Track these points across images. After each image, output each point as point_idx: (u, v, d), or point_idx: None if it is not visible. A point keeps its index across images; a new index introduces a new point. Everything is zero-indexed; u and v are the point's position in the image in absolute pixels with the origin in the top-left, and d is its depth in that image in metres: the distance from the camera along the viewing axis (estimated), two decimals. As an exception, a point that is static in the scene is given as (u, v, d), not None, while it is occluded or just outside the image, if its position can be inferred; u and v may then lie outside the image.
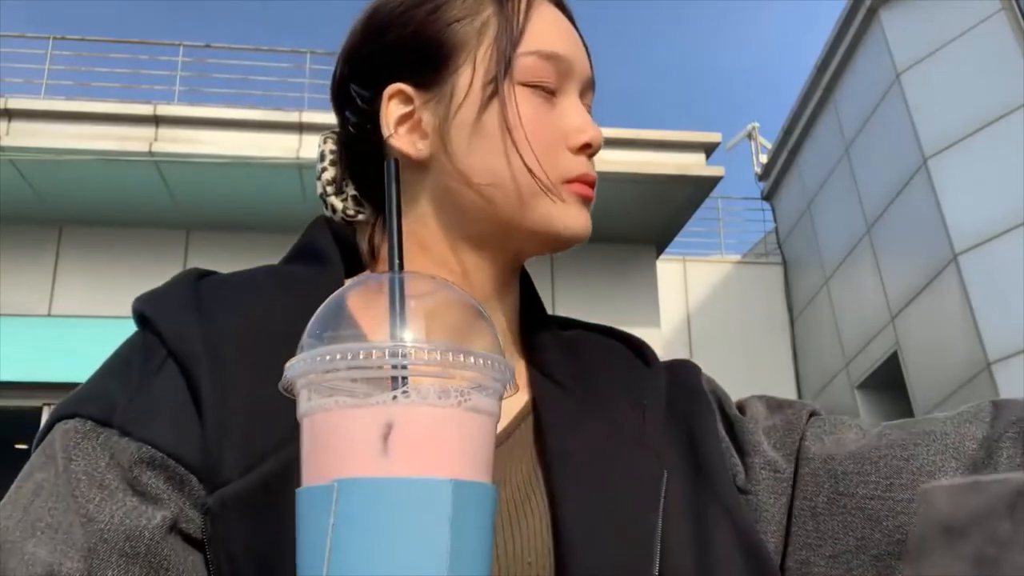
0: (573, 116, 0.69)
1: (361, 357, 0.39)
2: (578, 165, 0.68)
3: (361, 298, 0.45)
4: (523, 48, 0.67)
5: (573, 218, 0.68)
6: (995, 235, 6.84)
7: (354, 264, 0.72)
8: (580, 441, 0.64)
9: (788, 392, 9.73)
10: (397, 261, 0.44)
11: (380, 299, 0.43)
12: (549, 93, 0.68)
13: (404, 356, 0.39)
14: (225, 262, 0.77)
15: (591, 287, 6.27)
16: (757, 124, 11.42)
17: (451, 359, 0.40)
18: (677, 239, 6.92)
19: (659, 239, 6.65)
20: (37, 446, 0.58)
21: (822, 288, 9.47)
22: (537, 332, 0.73)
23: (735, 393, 0.78)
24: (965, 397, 6.97)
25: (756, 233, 11.10)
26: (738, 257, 10.53)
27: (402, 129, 0.69)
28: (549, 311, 0.79)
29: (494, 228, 0.68)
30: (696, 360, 0.79)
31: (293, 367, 0.41)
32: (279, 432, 0.53)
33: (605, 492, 0.62)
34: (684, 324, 9.60)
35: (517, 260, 0.72)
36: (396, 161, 0.48)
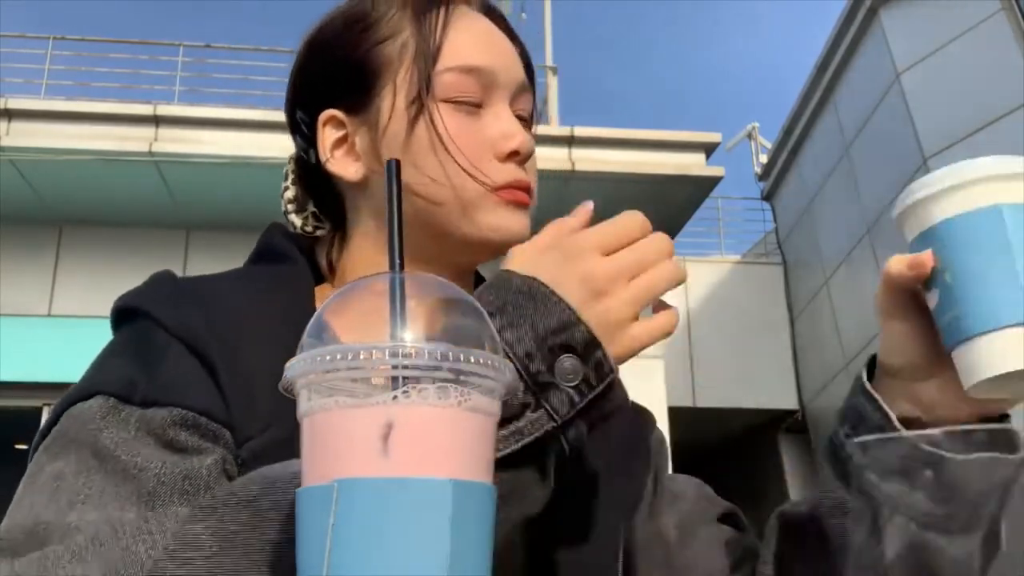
0: (499, 125, 0.70)
1: (361, 357, 0.39)
2: (507, 172, 0.70)
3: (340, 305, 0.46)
4: (441, 65, 0.69)
5: (506, 222, 0.69)
6: (995, 235, 6.84)
7: (312, 271, 0.75)
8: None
9: (788, 392, 9.73)
10: (397, 261, 0.44)
11: (360, 304, 0.43)
12: (474, 106, 0.70)
13: (404, 356, 0.39)
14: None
15: (591, 287, 6.26)
16: (757, 124, 11.42)
17: (451, 359, 0.40)
18: (677, 239, 6.91)
19: (659, 239, 6.64)
20: (39, 442, 0.59)
21: (822, 288, 9.47)
22: None
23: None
24: (965, 397, 6.97)
25: (756, 233, 11.10)
26: (738, 257, 10.53)
27: (339, 152, 0.72)
28: None
29: (432, 241, 0.70)
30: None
31: (293, 367, 0.41)
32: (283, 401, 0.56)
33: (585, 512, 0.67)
34: (684, 324, 9.60)
35: (462, 269, 0.74)
36: (397, 162, 0.48)
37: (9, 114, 5.88)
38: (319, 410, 0.41)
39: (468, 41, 0.71)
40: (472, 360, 0.40)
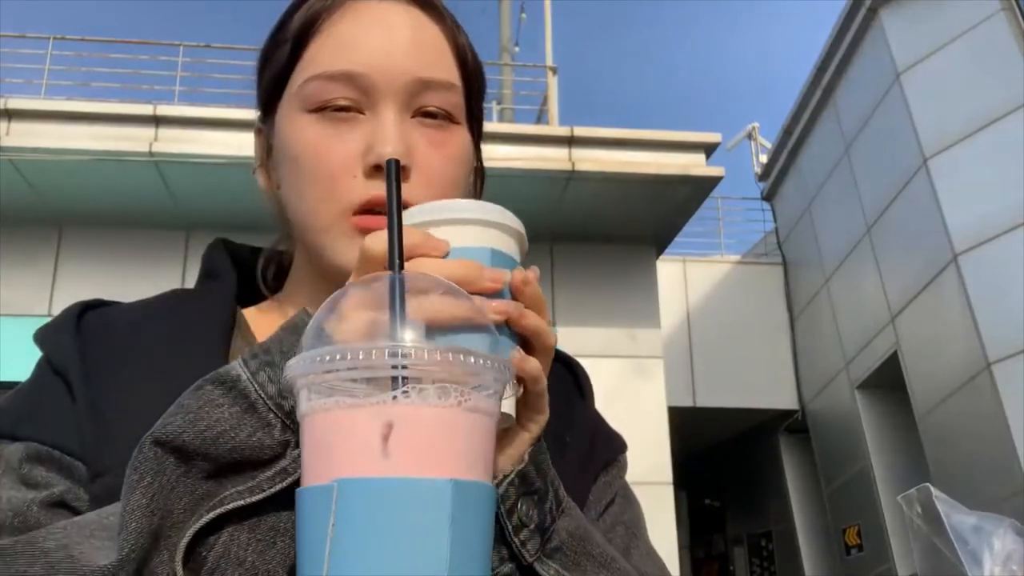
0: (369, 135, 0.62)
1: (361, 357, 0.39)
2: (369, 188, 0.61)
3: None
4: (305, 73, 0.64)
5: (351, 254, 0.57)
6: (995, 235, 6.84)
7: (248, 280, 0.74)
8: None
9: (788, 392, 9.73)
10: (398, 261, 0.44)
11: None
12: (350, 112, 0.63)
13: (404, 356, 0.39)
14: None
15: (591, 287, 6.27)
16: (757, 124, 11.43)
17: (451, 359, 0.40)
18: (677, 239, 6.91)
19: (659, 239, 6.64)
20: None
21: (822, 288, 9.46)
22: None
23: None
24: (965, 397, 6.97)
25: (756, 233, 11.10)
26: (738, 257, 10.53)
27: (267, 164, 0.71)
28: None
29: (318, 268, 0.67)
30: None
31: (293, 367, 0.41)
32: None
33: None
34: (684, 324, 9.60)
35: None
36: (397, 161, 0.48)
37: (9, 114, 5.88)
38: (319, 410, 0.41)
39: (337, 44, 0.64)
40: (472, 360, 0.40)
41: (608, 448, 0.72)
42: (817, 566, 9.71)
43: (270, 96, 0.68)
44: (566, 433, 0.67)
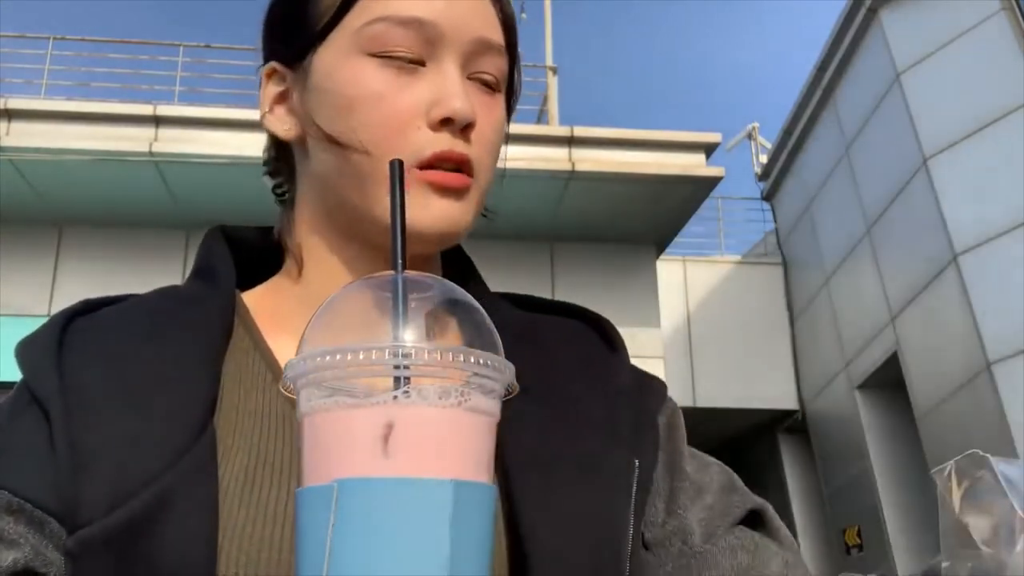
0: (435, 88, 0.59)
1: (361, 357, 0.39)
2: (436, 142, 0.59)
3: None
4: (371, 14, 0.60)
5: (423, 211, 0.58)
6: (995, 235, 6.84)
7: (252, 269, 0.69)
8: (542, 446, 0.58)
9: (788, 392, 9.73)
10: (400, 262, 0.44)
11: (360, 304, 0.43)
12: (412, 63, 0.60)
13: (404, 356, 0.39)
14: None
15: (591, 287, 6.27)
16: (757, 124, 11.43)
17: (451, 359, 0.40)
18: (677, 239, 6.92)
19: (659, 239, 6.65)
20: None
21: (822, 288, 9.46)
22: None
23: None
24: (965, 397, 6.97)
25: (756, 233, 11.10)
26: (738, 257, 10.53)
27: (279, 109, 0.65)
28: None
29: (355, 219, 0.62)
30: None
31: (293, 367, 0.41)
32: (148, 466, 0.52)
33: (573, 501, 0.57)
34: (684, 324, 9.60)
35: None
36: (400, 162, 0.47)
37: (9, 114, 5.89)
38: (319, 410, 0.41)
39: None
40: (472, 360, 0.40)
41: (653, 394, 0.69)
42: (817, 566, 9.71)
43: (307, 34, 0.62)
44: (610, 385, 0.65)
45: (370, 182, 0.59)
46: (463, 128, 0.60)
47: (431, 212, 0.59)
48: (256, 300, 0.67)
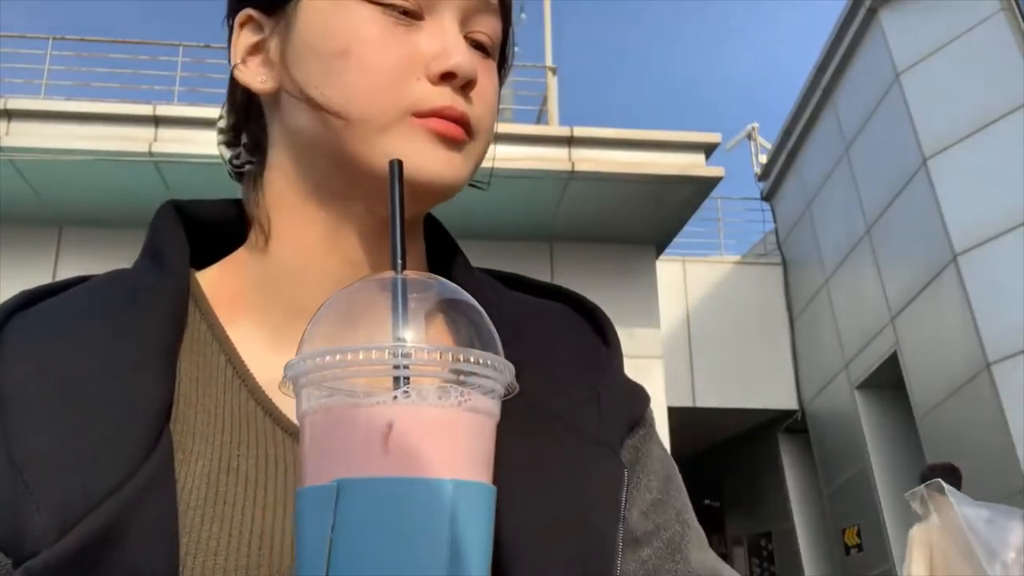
0: (435, 41, 0.56)
1: (361, 357, 0.39)
2: (436, 96, 0.56)
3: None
4: None
5: (423, 157, 0.55)
6: (995, 235, 6.85)
7: (212, 246, 0.65)
8: (523, 444, 0.53)
9: (788, 392, 9.74)
10: (400, 262, 0.44)
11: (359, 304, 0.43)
12: (409, 15, 0.57)
13: (405, 356, 0.39)
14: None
15: (591, 287, 6.24)
16: (757, 124, 11.45)
17: (451, 359, 0.40)
18: (677, 239, 6.92)
19: (659, 239, 6.65)
20: None
21: (822, 288, 9.47)
22: None
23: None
24: (965, 397, 6.97)
25: (756, 233, 11.12)
26: (738, 257, 10.54)
27: (253, 60, 0.61)
28: None
29: (344, 172, 0.57)
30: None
31: (293, 367, 0.41)
32: (99, 483, 0.47)
33: (556, 503, 0.53)
34: (684, 324, 9.60)
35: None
36: (399, 162, 0.46)
37: (9, 114, 5.89)
38: (319, 410, 0.41)
39: None
40: (472, 360, 0.40)
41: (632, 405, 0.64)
42: (817, 566, 9.71)
43: None
44: (599, 384, 0.61)
45: (364, 130, 0.55)
46: (463, 86, 0.56)
47: (433, 160, 0.55)
48: (214, 280, 0.62)
